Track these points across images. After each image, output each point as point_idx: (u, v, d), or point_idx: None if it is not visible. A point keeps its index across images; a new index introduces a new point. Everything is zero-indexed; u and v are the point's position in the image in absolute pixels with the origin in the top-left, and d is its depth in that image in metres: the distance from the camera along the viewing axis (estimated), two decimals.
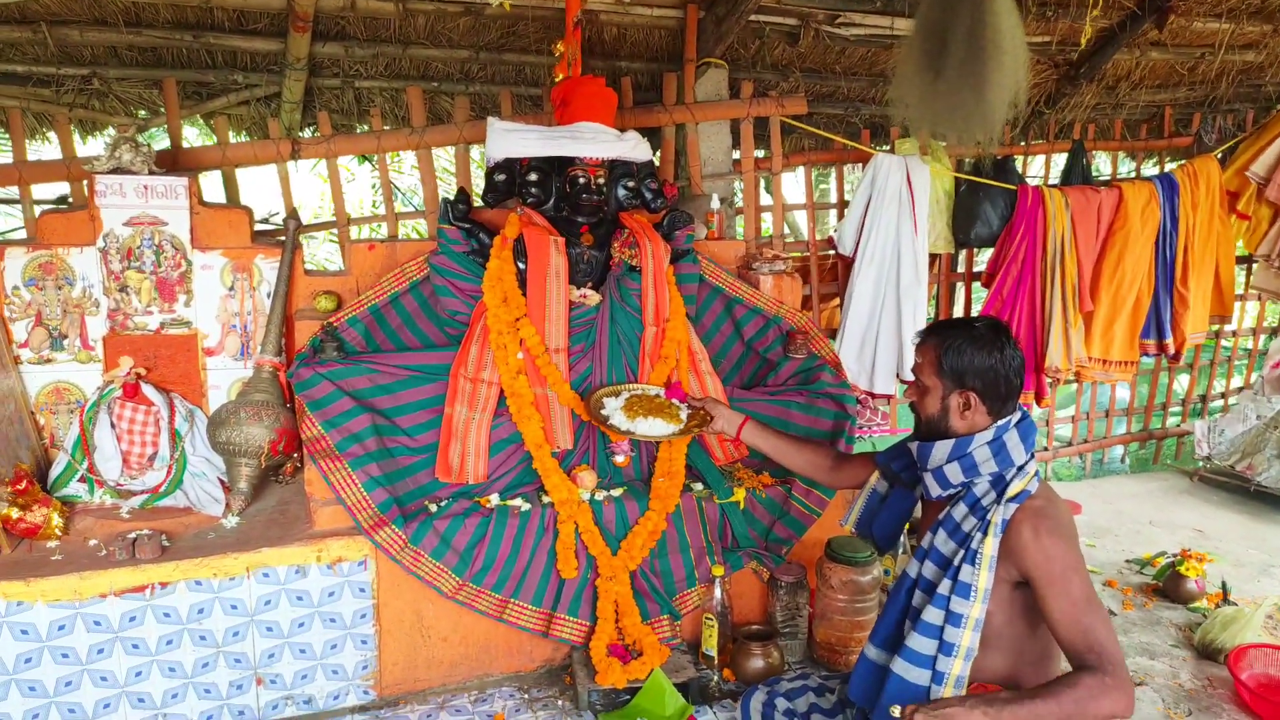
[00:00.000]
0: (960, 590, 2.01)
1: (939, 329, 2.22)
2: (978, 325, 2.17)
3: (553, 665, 3.26)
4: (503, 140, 3.40)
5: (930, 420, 2.19)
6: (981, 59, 2.90)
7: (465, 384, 3.17)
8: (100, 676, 2.75)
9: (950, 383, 2.14)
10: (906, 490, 2.44)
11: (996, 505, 2.03)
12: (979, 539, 2.01)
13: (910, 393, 2.25)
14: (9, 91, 3.90)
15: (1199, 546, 4.35)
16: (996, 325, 2.19)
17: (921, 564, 2.15)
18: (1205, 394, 6.21)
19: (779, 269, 3.84)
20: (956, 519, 2.10)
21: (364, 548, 2.96)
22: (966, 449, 2.11)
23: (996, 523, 2.01)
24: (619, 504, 3.20)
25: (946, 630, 2.02)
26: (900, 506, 2.48)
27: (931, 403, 2.18)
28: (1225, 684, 3.23)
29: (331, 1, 3.79)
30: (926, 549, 2.15)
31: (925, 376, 2.19)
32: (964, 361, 2.12)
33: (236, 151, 3.82)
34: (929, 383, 2.18)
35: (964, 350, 2.12)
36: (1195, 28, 4.93)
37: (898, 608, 2.19)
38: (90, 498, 3.15)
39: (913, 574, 2.17)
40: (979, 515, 2.06)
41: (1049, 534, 1.98)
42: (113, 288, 3.27)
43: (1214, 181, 5.08)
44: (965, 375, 2.12)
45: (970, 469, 2.11)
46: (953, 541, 2.09)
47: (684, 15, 4.23)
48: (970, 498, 2.10)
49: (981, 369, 2.11)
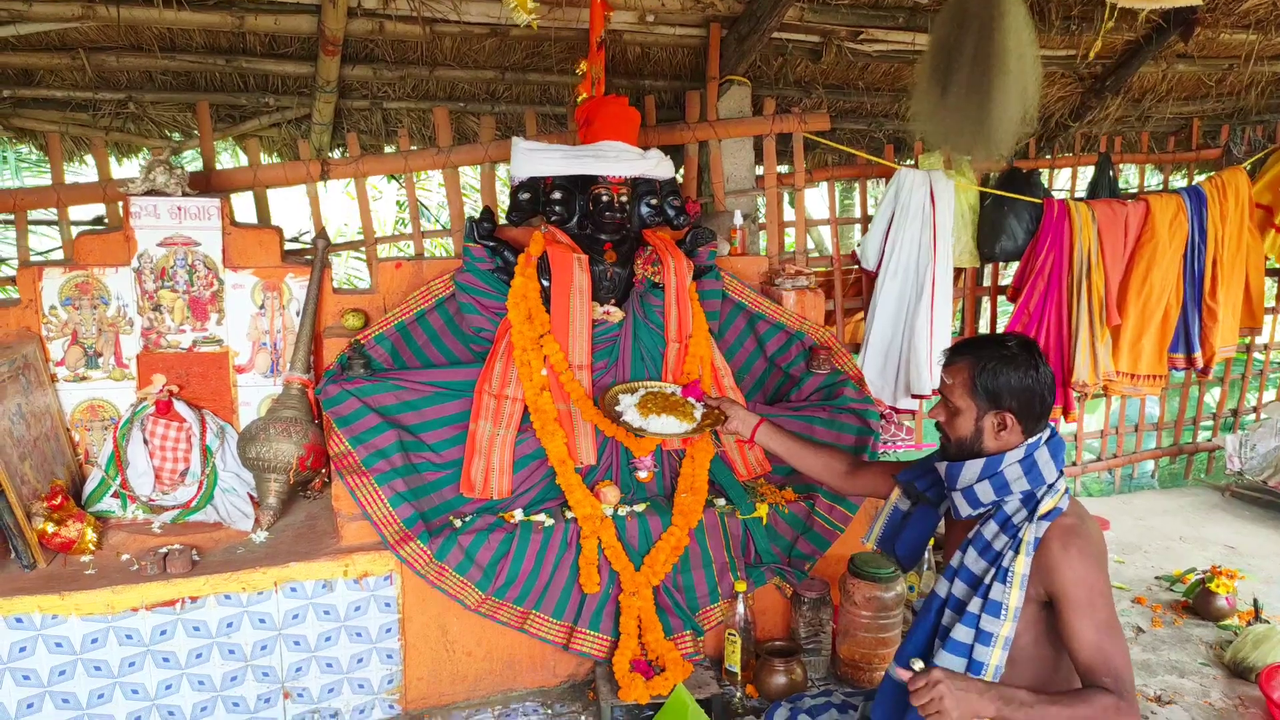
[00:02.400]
0: (991, 609, 2.00)
1: (970, 348, 2.17)
2: (1010, 344, 2.13)
3: (576, 680, 3.27)
4: (527, 159, 3.44)
5: (962, 441, 2.15)
6: (986, 76, 2.90)
7: (490, 400, 3.21)
8: (132, 689, 2.80)
9: (985, 404, 2.10)
10: (930, 508, 2.40)
11: (1028, 523, 2.02)
12: (1010, 557, 2.00)
13: (938, 413, 2.21)
14: (48, 116, 4.01)
15: (1230, 563, 4.29)
16: (1028, 343, 2.15)
17: (951, 583, 2.14)
18: (1237, 408, 6.13)
19: (802, 284, 3.85)
20: (987, 538, 2.09)
21: (390, 562, 3.00)
22: (998, 468, 2.09)
23: (1029, 541, 1.99)
24: (642, 519, 3.21)
25: (976, 649, 2.01)
26: (924, 524, 2.44)
27: (964, 424, 2.14)
28: (1257, 703, 3.19)
29: (360, 25, 3.86)
30: (956, 568, 2.13)
31: (957, 398, 2.14)
32: (999, 382, 2.08)
33: (267, 173, 3.90)
34: (961, 404, 2.13)
35: (999, 370, 2.08)
36: (1223, 39, 4.90)
37: (926, 628, 2.17)
38: (123, 513, 3.21)
39: (942, 593, 2.15)
40: (1010, 533, 2.04)
41: (1080, 555, 1.97)
42: (146, 307, 3.34)
43: (1243, 194, 5.03)
44: (1001, 396, 2.08)
45: (1002, 488, 2.09)
46: (984, 560, 2.08)
47: (707, 33, 4.26)
48: (1001, 516, 2.08)
49: (1018, 389, 2.08)
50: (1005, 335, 2.21)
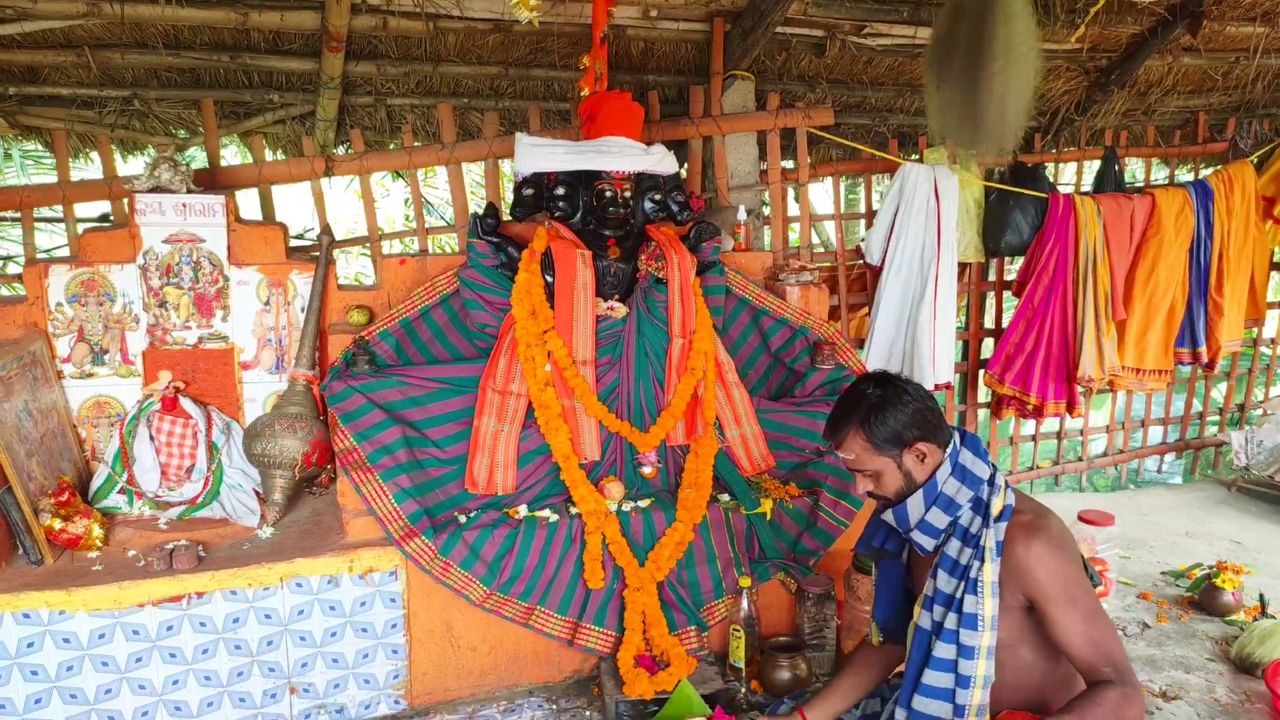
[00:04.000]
0: (967, 622, 2.00)
1: (842, 417, 2.14)
2: (867, 390, 2.12)
3: (581, 676, 3.28)
4: (531, 155, 3.45)
5: (900, 493, 2.13)
6: (980, 70, 2.88)
7: (494, 396, 3.22)
8: (139, 685, 2.81)
9: (895, 450, 2.09)
10: (893, 560, 2.34)
11: (985, 529, 2.02)
12: (977, 567, 2.01)
13: (863, 486, 2.17)
14: (53, 113, 4.02)
15: (1236, 558, 4.28)
16: (879, 376, 2.15)
17: (930, 611, 2.12)
18: (1243, 403, 6.12)
19: (806, 280, 3.85)
20: (953, 556, 2.08)
21: (395, 558, 3.01)
22: (937, 489, 2.09)
23: (990, 547, 2.00)
24: (646, 515, 3.22)
25: (960, 664, 2.02)
26: (893, 580, 2.37)
27: (891, 479, 2.12)
28: (1263, 699, 3.18)
29: (364, 22, 3.86)
30: (931, 595, 2.12)
31: (868, 464, 2.12)
32: (891, 426, 2.07)
33: (272, 169, 3.91)
34: (876, 466, 2.12)
35: (882, 417, 2.08)
36: (1229, 32, 4.88)
37: (917, 661, 2.14)
38: (129, 509, 3.23)
39: (926, 625, 2.13)
40: (972, 544, 2.04)
41: (1046, 549, 1.98)
42: (152, 303, 3.35)
43: (1249, 187, 5.02)
44: (901, 434, 2.08)
45: (950, 505, 2.08)
46: (954, 578, 2.07)
47: (710, 28, 4.26)
48: (959, 531, 2.08)
49: (909, 419, 2.08)
50: (858, 383, 2.18)
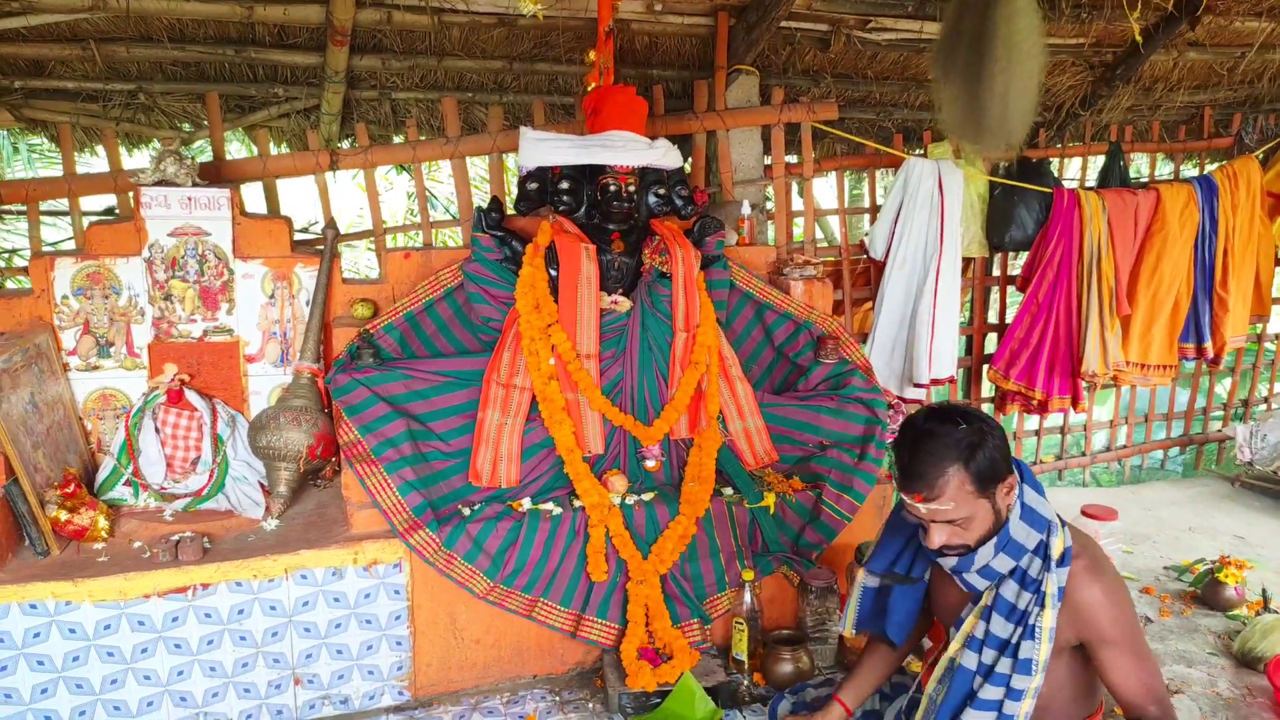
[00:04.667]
0: (1021, 667, 1.97)
1: (934, 462, 1.93)
2: (958, 426, 1.95)
3: (584, 668, 3.29)
4: (535, 149, 3.45)
5: (985, 537, 1.99)
6: (984, 64, 2.87)
7: (498, 389, 3.22)
8: (144, 675, 2.83)
9: (993, 488, 1.96)
10: (911, 586, 2.27)
11: (1048, 574, 1.96)
12: (1037, 613, 1.96)
13: (938, 538, 1.99)
14: (59, 107, 4.02)
15: (1240, 553, 4.29)
16: (951, 409, 2.01)
17: (980, 653, 2.06)
18: (1248, 398, 6.11)
19: (810, 274, 3.85)
20: (1010, 600, 2.02)
21: (399, 550, 3.02)
22: (1009, 536, 1.99)
23: (1052, 593, 1.95)
24: (650, 508, 3.23)
25: (1005, 704, 2.00)
26: (912, 599, 2.28)
27: (981, 523, 1.97)
28: (1264, 693, 3.19)
29: (369, 16, 3.87)
30: (981, 638, 2.05)
31: (963, 511, 1.94)
32: (992, 460, 1.94)
33: (277, 163, 3.92)
34: (969, 511, 1.95)
35: (983, 450, 1.93)
36: (1234, 27, 4.86)
37: (956, 701, 2.09)
38: (135, 501, 3.24)
39: (971, 665, 2.07)
40: (1032, 589, 1.98)
41: (1107, 593, 1.96)
42: (158, 296, 3.36)
43: (1255, 183, 5.01)
44: (999, 468, 1.95)
45: (1018, 552, 2.00)
46: (1010, 623, 2.01)
47: (715, 23, 4.26)
48: (1018, 574, 2.01)
49: (1002, 449, 1.96)
50: (930, 423, 1.99)
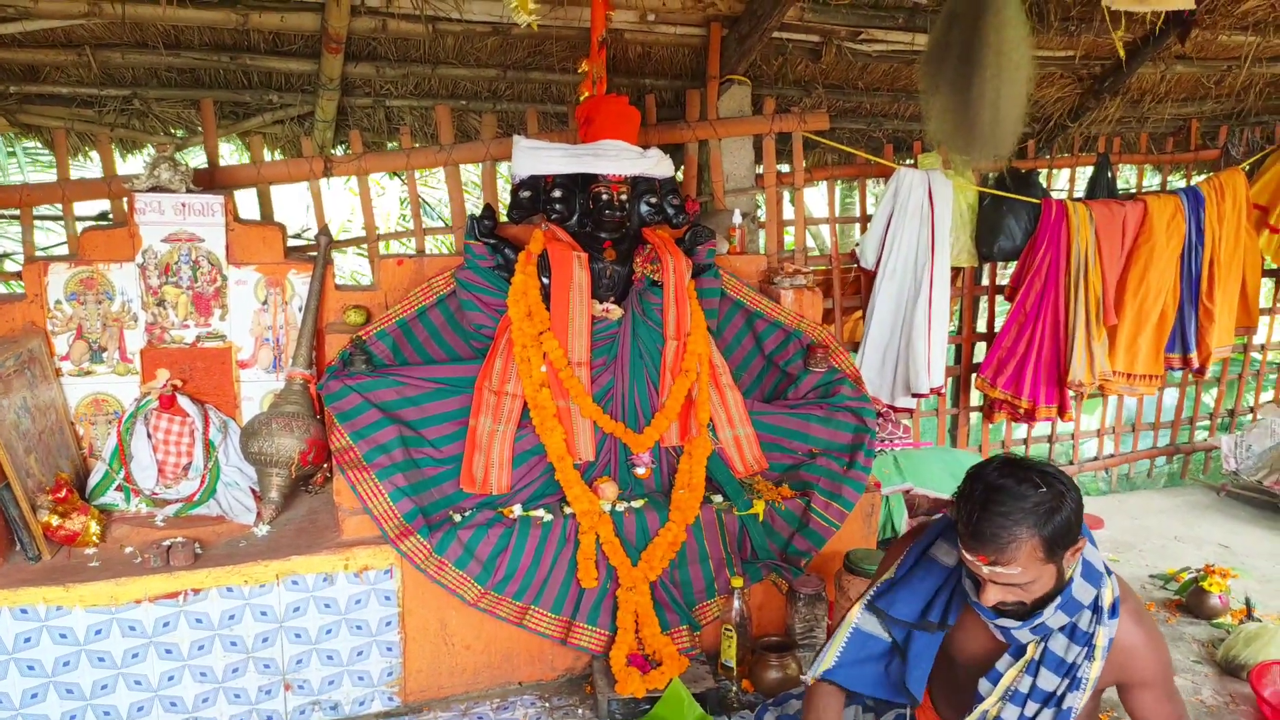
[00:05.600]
0: (1063, 717, 1.96)
1: (1006, 523, 1.80)
2: (1036, 488, 1.82)
3: (573, 674, 3.31)
4: (528, 158, 3.48)
5: (1045, 599, 1.91)
6: (973, 76, 2.90)
7: (490, 396, 3.24)
8: (134, 680, 2.83)
9: (1061, 551, 1.85)
10: (933, 635, 2.15)
11: (1099, 626, 1.92)
12: (1086, 666, 1.93)
13: (999, 596, 1.89)
14: (54, 112, 4.04)
15: (1225, 562, 4.32)
16: (1032, 466, 1.88)
17: (1022, 706, 2.00)
18: (1234, 408, 6.16)
19: (800, 283, 3.88)
20: (1059, 654, 1.96)
21: (390, 556, 3.03)
22: (1070, 595, 1.91)
23: (1102, 645, 1.92)
24: (640, 515, 3.25)
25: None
26: (931, 650, 2.16)
27: (1043, 585, 1.88)
28: (1247, 700, 3.22)
29: (363, 23, 3.89)
30: (1027, 692, 1.99)
31: (1029, 574, 1.84)
32: (1067, 524, 1.83)
33: (271, 170, 3.93)
34: (1034, 574, 1.85)
35: (1060, 516, 1.82)
36: (1221, 40, 4.92)
37: None
38: (127, 506, 3.24)
39: (1012, 719, 2.01)
40: (1081, 641, 1.94)
41: (1149, 639, 1.96)
42: (151, 302, 3.37)
43: (1241, 195, 5.07)
44: (1072, 532, 1.85)
45: (1074, 608, 1.93)
46: (1057, 676, 1.97)
47: (707, 33, 4.29)
48: (1067, 628, 1.96)
49: (1078, 512, 1.86)
50: (1004, 479, 1.85)
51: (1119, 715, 3.09)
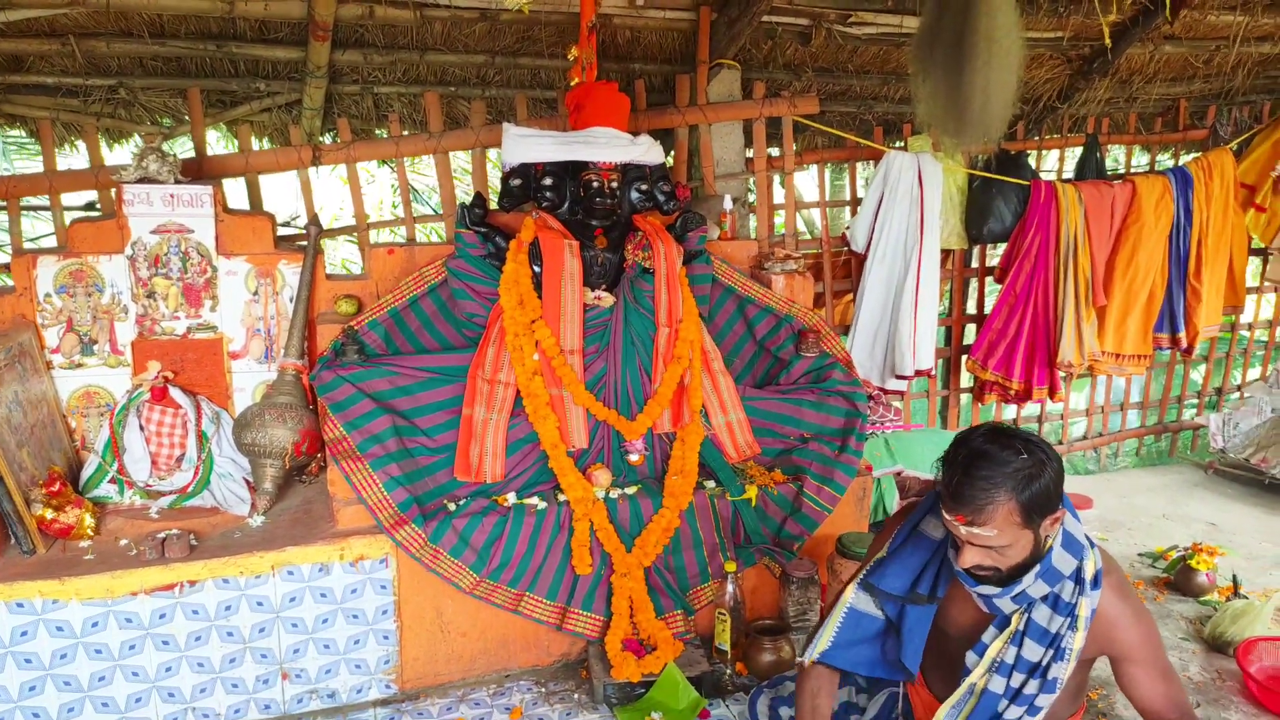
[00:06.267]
0: (1048, 687, 1.99)
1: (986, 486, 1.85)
2: (1018, 454, 1.87)
3: (569, 660, 3.33)
4: (518, 146, 3.47)
5: (1021, 566, 1.94)
6: (964, 60, 2.90)
7: (483, 385, 3.25)
8: (132, 672, 2.85)
9: (1038, 518, 1.89)
10: (925, 607, 2.16)
11: (1082, 597, 1.96)
12: (1069, 636, 1.96)
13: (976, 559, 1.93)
14: (39, 102, 4.00)
15: (1212, 540, 4.37)
16: (1014, 436, 1.92)
17: (1009, 677, 2.02)
18: (1221, 387, 6.21)
19: (791, 268, 3.89)
20: (1042, 624, 1.99)
21: (385, 546, 3.04)
22: (1050, 564, 1.95)
23: (1085, 615, 1.95)
24: (633, 502, 3.27)
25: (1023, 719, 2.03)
26: (925, 624, 2.17)
27: (1020, 551, 1.91)
28: (1234, 676, 3.27)
29: (350, 10, 3.86)
30: (1013, 663, 2.02)
31: (1005, 538, 1.88)
32: (1046, 491, 1.87)
33: (259, 159, 3.91)
34: (1011, 539, 1.88)
35: (1039, 483, 1.86)
36: (1210, 21, 4.93)
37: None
38: (120, 498, 3.25)
39: (999, 689, 2.03)
40: (1065, 612, 1.98)
41: (1135, 612, 1.99)
42: (141, 294, 3.36)
43: (1229, 175, 5.09)
44: (1051, 500, 1.89)
45: (1055, 578, 1.97)
46: (1041, 646, 2.00)
47: (696, 17, 4.27)
48: (1050, 598, 2.00)
49: (1057, 481, 1.90)
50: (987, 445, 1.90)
51: (1107, 692, 3.13)
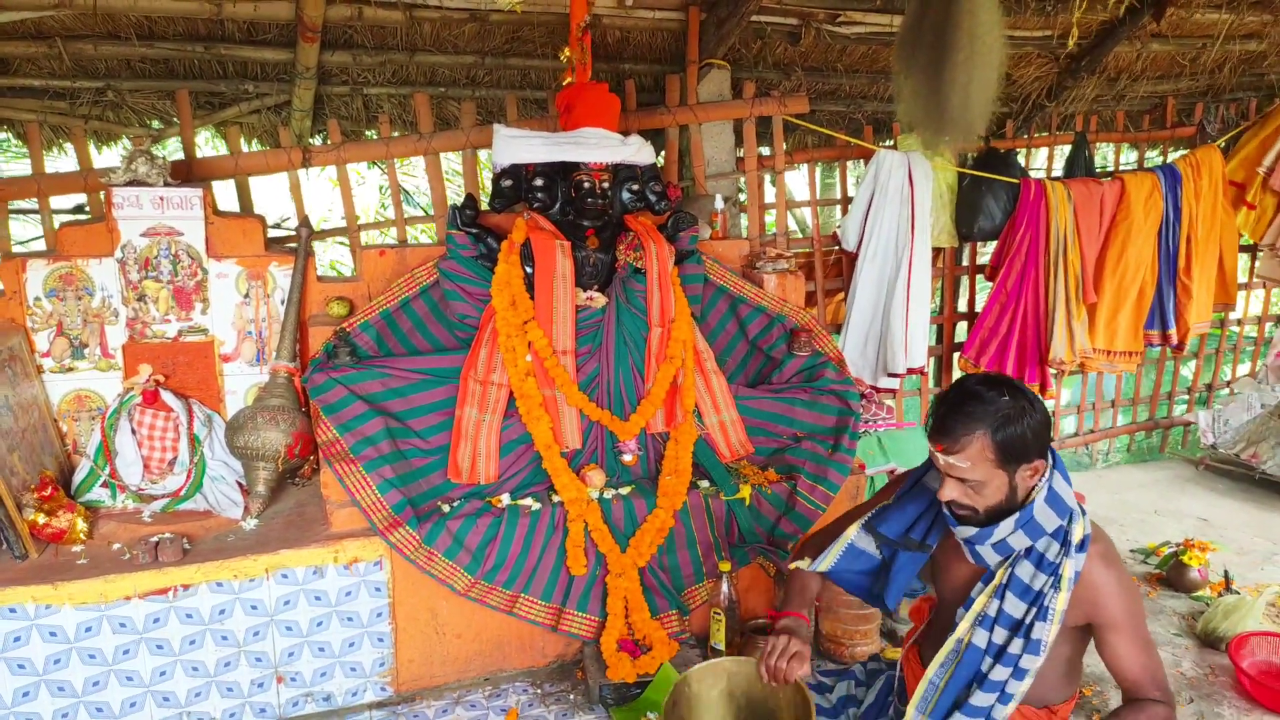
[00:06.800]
0: (1032, 648, 2.01)
1: (967, 420, 1.97)
2: (1001, 396, 1.97)
3: (564, 660, 3.33)
4: (509, 147, 3.47)
5: (995, 509, 2.02)
6: (945, 60, 2.91)
7: (475, 386, 3.25)
8: (126, 676, 2.84)
9: (1014, 464, 1.97)
10: (918, 555, 2.27)
11: (1066, 558, 1.99)
12: (1052, 595, 1.98)
13: (952, 493, 2.03)
14: (26, 105, 3.98)
15: (1204, 535, 4.39)
16: (1005, 382, 2.01)
17: (991, 631, 2.07)
18: (1211, 383, 6.24)
19: (782, 267, 3.90)
20: (1025, 580, 2.04)
21: (379, 548, 3.04)
22: (1031, 515, 2.00)
23: (1068, 577, 1.98)
24: (627, 502, 3.27)
25: (1009, 684, 2.04)
26: (913, 569, 2.29)
27: (994, 493, 2.00)
28: (1227, 672, 3.28)
29: (339, 11, 3.85)
30: (995, 616, 2.07)
31: (978, 474, 1.98)
32: (1022, 436, 1.95)
33: (249, 161, 3.90)
34: (984, 477, 1.98)
35: (1016, 426, 1.94)
36: (1196, 19, 4.96)
37: (966, 677, 2.11)
38: (113, 502, 3.23)
39: (982, 644, 2.08)
40: (1048, 570, 2.01)
41: (1119, 581, 2.00)
42: (131, 297, 3.35)
43: (1217, 171, 5.11)
44: (1028, 448, 1.96)
45: (1036, 532, 2.02)
46: (1023, 602, 2.04)
47: (686, 17, 4.27)
48: (1034, 555, 2.04)
49: (1038, 431, 1.97)
50: (979, 388, 2.01)
51: (1102, 688, 3.14)
